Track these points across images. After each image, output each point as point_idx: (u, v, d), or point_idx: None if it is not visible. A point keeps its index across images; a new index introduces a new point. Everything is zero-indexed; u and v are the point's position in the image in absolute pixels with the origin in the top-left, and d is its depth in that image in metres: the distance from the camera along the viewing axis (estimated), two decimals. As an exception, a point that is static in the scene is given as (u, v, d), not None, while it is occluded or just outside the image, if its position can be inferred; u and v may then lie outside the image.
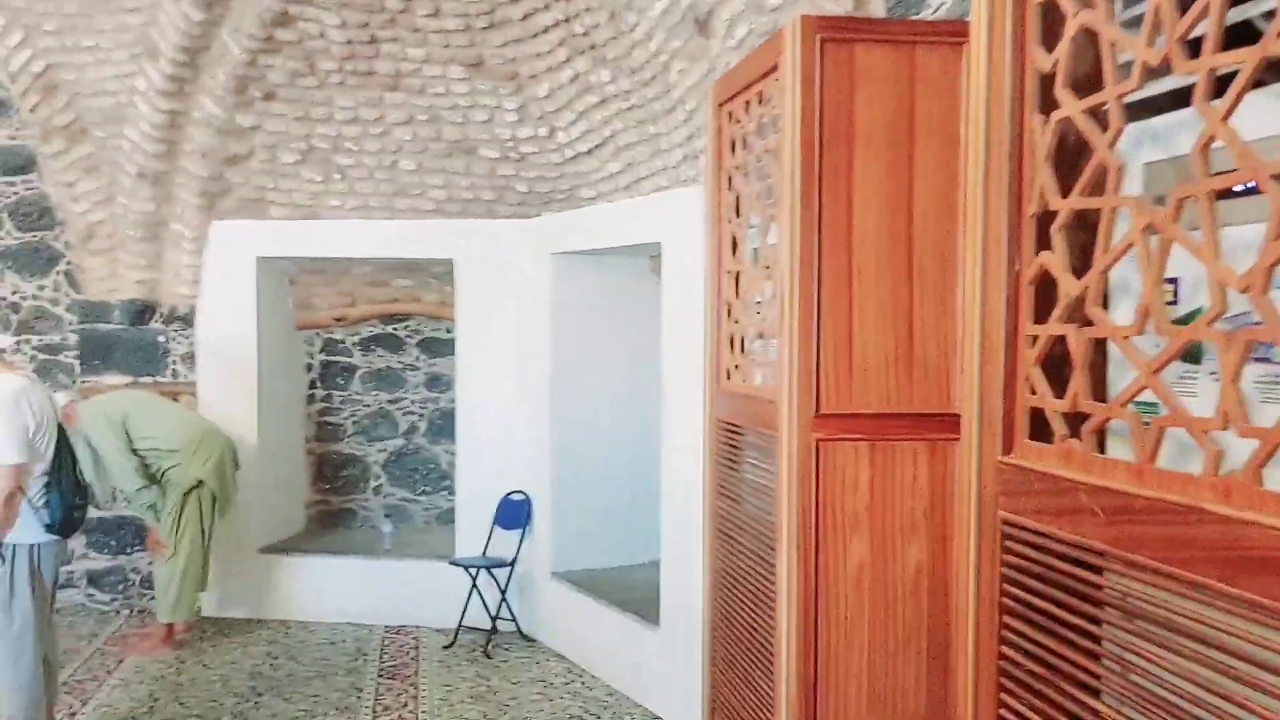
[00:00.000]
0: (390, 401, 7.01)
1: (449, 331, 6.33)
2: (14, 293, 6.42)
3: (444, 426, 6.74)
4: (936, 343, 2.79)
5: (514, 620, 5.84)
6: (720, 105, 3.44)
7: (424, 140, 6.22)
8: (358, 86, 6.08)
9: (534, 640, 5.76)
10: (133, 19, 5.86)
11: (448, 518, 6.34)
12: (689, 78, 4.95)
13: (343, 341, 6.99)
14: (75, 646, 5.67)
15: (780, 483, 2.81)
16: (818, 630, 2.77)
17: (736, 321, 3.33)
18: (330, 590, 6.18)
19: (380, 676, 5.26)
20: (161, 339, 6.37)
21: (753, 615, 3.06)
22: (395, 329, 7.00)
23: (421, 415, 7.01)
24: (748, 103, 3.21)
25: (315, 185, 6.35)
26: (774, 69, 2.91)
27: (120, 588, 6.38)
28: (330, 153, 6.27)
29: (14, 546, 3.78)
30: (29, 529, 3.81)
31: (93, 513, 6.14)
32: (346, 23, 5.79)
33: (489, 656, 5.54)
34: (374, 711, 4.78)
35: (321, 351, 7.00)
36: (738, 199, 3.34)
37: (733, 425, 3.29)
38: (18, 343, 6.36)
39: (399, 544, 6.45)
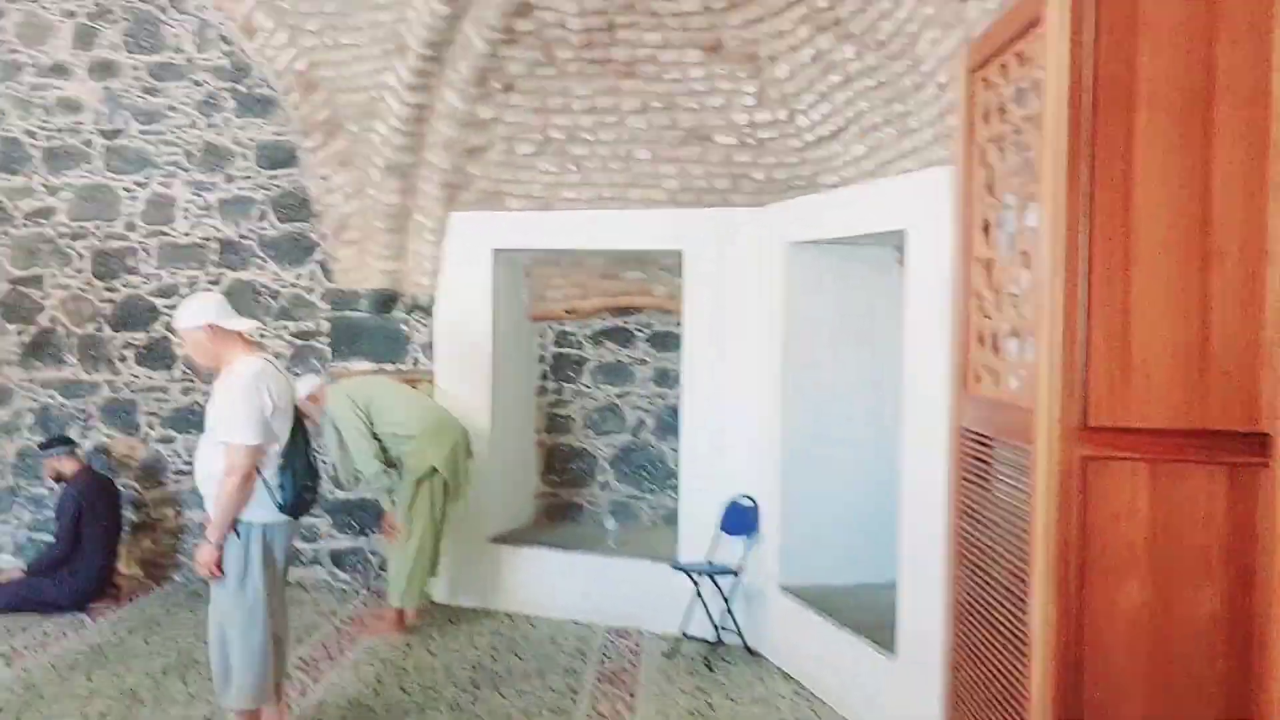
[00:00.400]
0: (619, 396, 6.90)
1: (679, 326, 6.13)
2: (275, 280, 6.73)
3: (672, 423, 6.54)
4: (1239, 344, 2.28)
5: (739, 633, 5.53)
6: (973, 71, 3.03)
7: (659, 128, 6.05)
8: (594, 75, 5.99)
9: (759, 656, 5.43)
10: (384, 16, 6.01)
11: (674, 518, 6.13)
12: (941, 48, 4.50)
13: (574, 334, 6.94)
14: (315, 623, 5.86)
15: (1036, 506, 2.38)
16: (1079, 685, 2.32)
17: (988, 317, 2.91)
18: (555, 585, 6.11)
19: (598, 680, 5.11)
20: (404, 327, 6.51)
21: (1001, 657, 2.64)
22: (625, 322, 6.87)
23: (650, 411, 6.85)
24: (1005, 65, 2.79)
25: (550, 176, 6.31)
26: (1037, 22, 2.49)
27: (360, 568, 6.58)
28: (566, 143, 6.21)
29: (249, 525, 3.87)
30: (263, 508, 3.89)
31: (338, 493, 6.42)
32: (584, 10, 5.70)
33: (711, 669, 5.27)
34: (588, 716, 4.63)
35: (553, 343, 6.98)
36: (992, 176, 2.92)
37: (981, 436, 2.87)
38: (279, 328, 6.66)
39: (623, 542, 6.31)
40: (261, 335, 6.62)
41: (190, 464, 5.78)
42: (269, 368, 3.95)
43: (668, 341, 6.64)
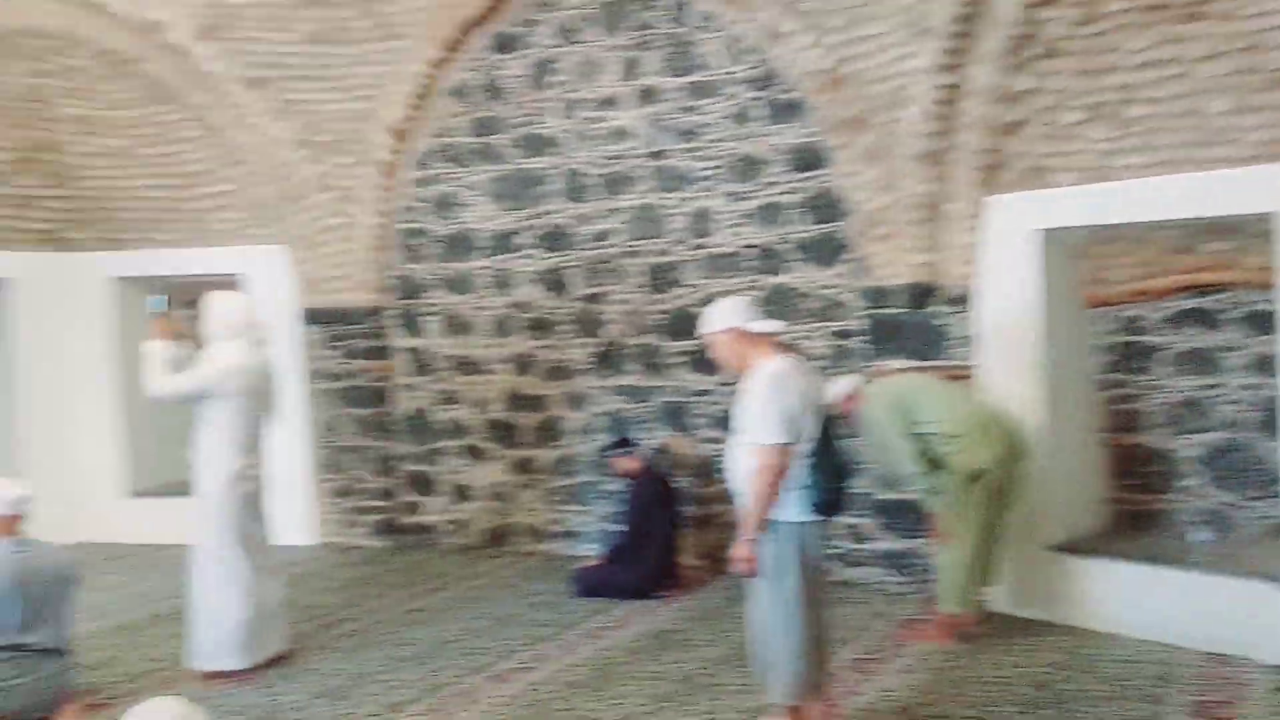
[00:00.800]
0: (1204, 388, 5.93)
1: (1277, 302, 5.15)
2: (810, 283, 6.75)
3: (1275, 419, 5.51)
4: None
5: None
6: None
7: (1237, 74, 5.18)
8: (1150, 24, 5.28)
9: None
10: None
11: (1280, 530, 5.13)
12: None
13: (1142, 319, 6.11)
14: (865, 624, 5.73)
15: None
16: None
17: None
18: (1131, 601, 5.39)
19: (1188, 712, 4.40)
20: (941, 321, 6.20)
21: None
22: (1207, 302, 5.90)
23: (1245, 404, 5.80)
24: None
25: (1103, 144, 5.66)
26: None
27: (912, 571, 6.33)
28: (1119, 105, 5.54)
29: (782, 524, 3.89)
30: (795, 507, 3.90)
31: (887, 494, 6.27)
32: (1137, -52, 5.04)
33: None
34: (1181, 753, 3.98)
35: (1116, 331, 6.20)
36: None
37: None
38: (816, 330, 6.68)
39: (1218, 556, 5.41)
40: (801, 338, 6.69)
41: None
42: (795, 367, 3.97)
43: (1265, 323, 5.58)
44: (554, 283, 7.59)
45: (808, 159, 6.69)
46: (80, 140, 8.21)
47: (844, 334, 6.63)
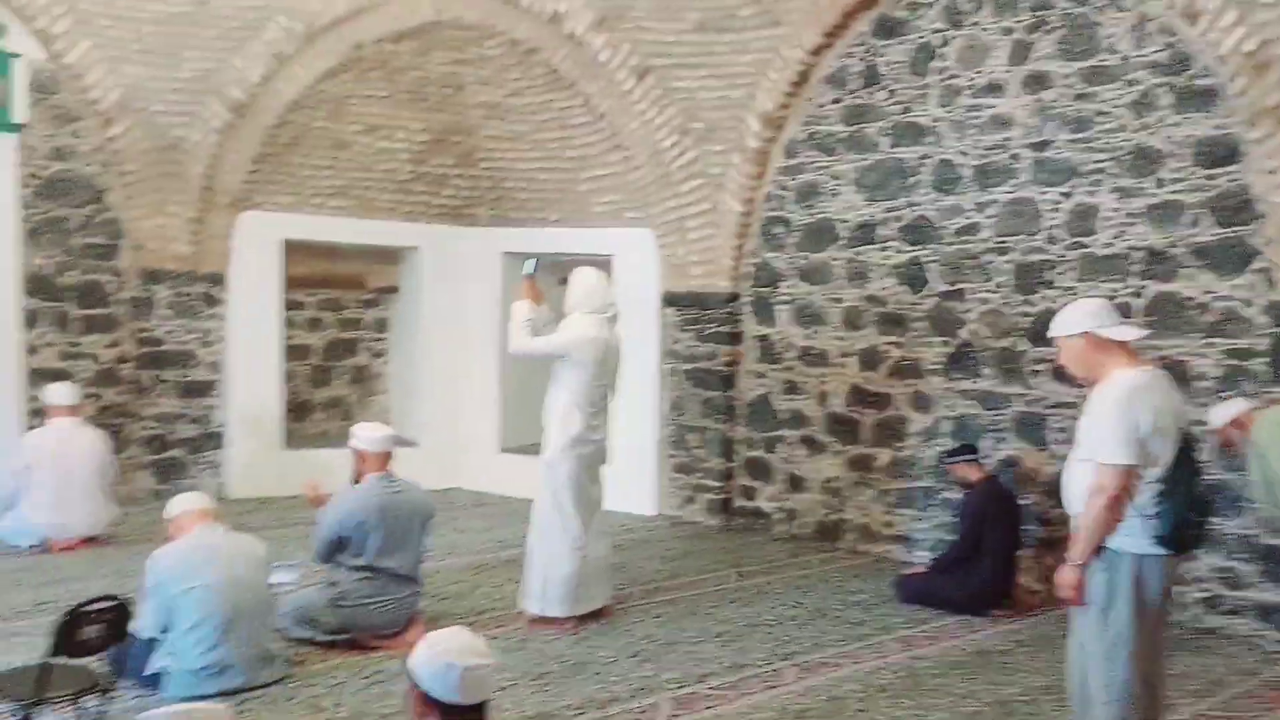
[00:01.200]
0: None
1: None
2: (1205, 293, 5.95)
3: None
4: None
5: None
6: None
7: None
8: None
9: None
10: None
11: None
12: None
13: None
14: (1224, 680, 5.02)
15: None
16: None
17: None
18: None
19: None
20: (1369, 347, 5.23)
21: None
22: None
23: None
24: None
25: None
26: None
27: (1292, 628, 5.44)
28: None
29: (1118, 553, 3.48)
30: (1136, 537, 3.47)
31: (1271, 538, 5.47)
32: None
33: None
34: None
35: None
36: None
37: None
38: (1205, 345, 5.90)
39: None
40: (1188, 353, 5.92)
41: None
42: (1152, 382, 3.52)
43: None
44: (912, 277, 7.24)
45: (1217, 153, 5.91)
46: (487, 124, 8.99)
47: (1242, 353, 5.79)
